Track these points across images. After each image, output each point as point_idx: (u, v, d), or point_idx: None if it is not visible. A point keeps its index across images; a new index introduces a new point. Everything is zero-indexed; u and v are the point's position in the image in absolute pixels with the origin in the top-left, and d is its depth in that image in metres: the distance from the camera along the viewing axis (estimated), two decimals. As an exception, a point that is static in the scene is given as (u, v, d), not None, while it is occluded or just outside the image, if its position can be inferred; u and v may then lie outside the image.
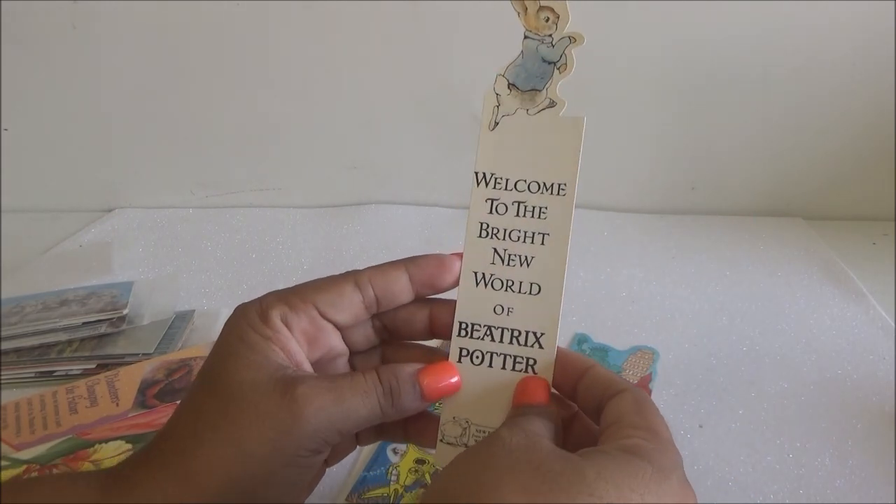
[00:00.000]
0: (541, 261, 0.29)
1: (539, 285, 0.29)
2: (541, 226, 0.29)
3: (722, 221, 0.70)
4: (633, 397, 0.25)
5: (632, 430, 0.23)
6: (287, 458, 0.24)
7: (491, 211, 0.29)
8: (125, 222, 0.75)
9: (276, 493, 0.25)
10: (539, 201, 0.29)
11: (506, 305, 0.29)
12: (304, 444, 0.24)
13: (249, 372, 0.24)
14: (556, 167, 0.30)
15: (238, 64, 0.70)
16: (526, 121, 0.30)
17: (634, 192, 0.74)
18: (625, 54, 0.65)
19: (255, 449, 0.23)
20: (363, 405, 0.25)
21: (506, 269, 0.29)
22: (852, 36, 0.62)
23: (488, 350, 0.28)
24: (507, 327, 0.28)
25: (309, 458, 0.25)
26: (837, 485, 0.36)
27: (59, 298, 0.54)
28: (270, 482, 0.24)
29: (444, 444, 0.29)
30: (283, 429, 0.24)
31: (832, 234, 0.66)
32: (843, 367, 0.46)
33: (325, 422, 0.24)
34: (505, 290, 0.29)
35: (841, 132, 0.67)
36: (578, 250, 0.65)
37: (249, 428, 0.23)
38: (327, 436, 0.25)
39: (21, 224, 0.77)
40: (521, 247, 0.29)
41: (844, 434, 0.40)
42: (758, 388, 0.44)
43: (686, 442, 0.40)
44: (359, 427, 0.26)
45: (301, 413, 0.24)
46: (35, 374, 0.47)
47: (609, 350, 0.49)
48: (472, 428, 0.28)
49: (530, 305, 0.28)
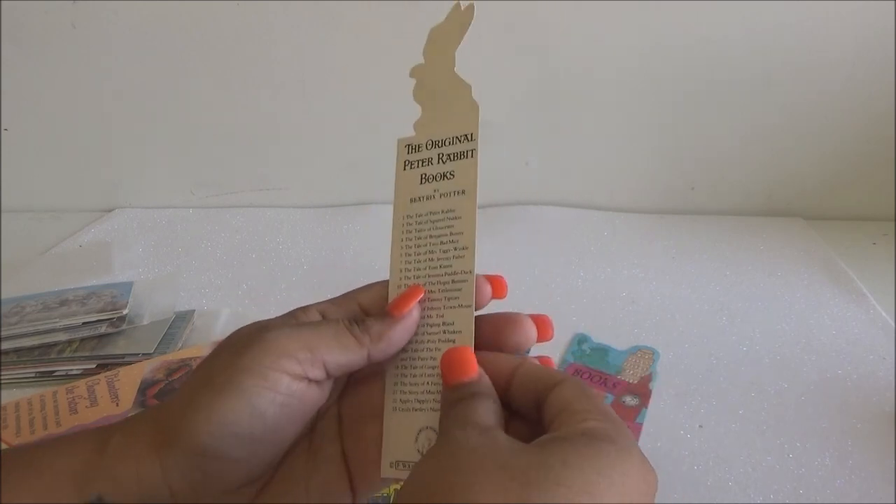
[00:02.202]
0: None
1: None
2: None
3: (722, 221, 0.71)
4: (576, 385, 0.25)
5: (583, 413, 0.23)
6: (270, 387, 0.25)
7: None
8: (125, 222, 0.76)
9: (278, 435, 0.26)
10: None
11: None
12: (284, 367, 0.25)
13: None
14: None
15: (238, 64, 0.70)
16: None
17: (634, 192, 0.74)
18: (624, 54, 0.66)
19: (240, 395, 0.24)
20: (330, 325, 0.27)
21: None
22: (852, 36, 0.62)
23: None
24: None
25: (293, 385, 0.26)
26: (837, 485, 0.36)
27: (59, 298, 0.54)
28: (264, 423, 0.25)
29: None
30: (255, 359, 0.25)
31: (832, 234, 0.66)
32: (843, 367, 0.46)
33: (295, 342, 0.26)
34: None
35: (841, 132, 0.67)
36: (578, 250, 0.65)
37: (232, 383, 0.25)
38: (299, 357, 0.26)
39: (21, 224, 0.77)
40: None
41: (844, 434, 0.40)
42: (758, 388, 0.44)
43: (686, 442, 0.40)
44: (331, 351, 0.26)
45: (265, 336, 0.25)
46: (35, 374, 0.47)
47: (609, 350, 0.49)
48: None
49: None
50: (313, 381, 0.27)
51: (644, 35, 0.64)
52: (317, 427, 0.29)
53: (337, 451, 0.29)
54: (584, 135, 0.71)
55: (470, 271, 0.29)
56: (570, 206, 0.74)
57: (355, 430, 0.29)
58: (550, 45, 0.66)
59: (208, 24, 0.67)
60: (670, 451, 0.39)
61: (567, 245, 0.66)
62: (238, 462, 0.25)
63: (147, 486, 0.24)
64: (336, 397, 0.30)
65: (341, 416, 0.30)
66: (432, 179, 0.30)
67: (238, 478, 0.25)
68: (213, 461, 0.24)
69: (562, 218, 0.72)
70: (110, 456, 0.24)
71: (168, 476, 0.24)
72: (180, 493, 0.24)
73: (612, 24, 0.64)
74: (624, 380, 0.45)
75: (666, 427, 0.41)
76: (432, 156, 0.30)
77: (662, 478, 0.38)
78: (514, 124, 0.71)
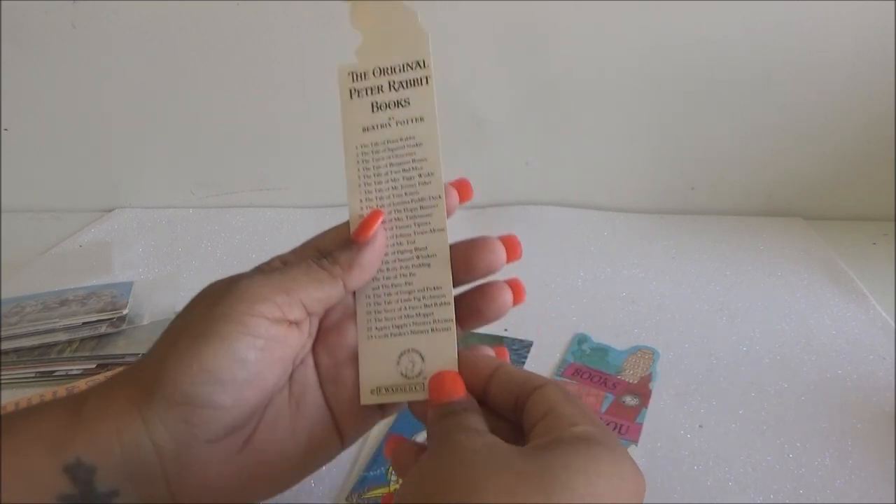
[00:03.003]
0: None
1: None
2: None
3: (722, 221, 0.71)
4: (558, 388, 0.25)
5: (571, 417, 0.24)
6: (249, 332, 0.25)
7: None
8: (125, 222, 0.76)
9: (261, 381, 0.26)
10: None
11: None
12: (261, 312, 0.25)
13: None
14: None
15: (238, 64, 0.70)
16: None
17: (634, 192, 0.74)
18: (624, 54, 0.66)
19: (220, 341, 0.25)
20: (300, 265, 0.27)
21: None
22: (852, 36, 0.62)
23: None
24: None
25: (272, 329, 0.26)
26: (837, 485, 0.36)
27: (59, 298, 0.54)
28: (243, 366, 0.25)
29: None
30: (232, 307, 0.25)
31: (832, 234, 0.66)
32: (843, 367, 0.46)
33: (268, 287, 0.26)
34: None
35: (841, 132, 0.67)
36: (578, 250, 0.65)
37: (211, 331, 0.25)
38: (276, 300, 0.26)
39: (21, 224, 0.77)
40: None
41: (844, 434, 0.40)
42: (758, 388, 0.44)
43: (686, 442, 0.40)
44: (306, 289, 0.27)
45: (238, 285, 0.26)
46: (35, 374, 0.47)
47: (609, 350, 0.49)
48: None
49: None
50: (293, 323, 0.27)
51: (644, 35, 0.64)
52: (295, 377, 0.29)
53: (319, 399, 0.29)
54: (584, 135, 0.71)
55: (439, 196, 0.29)
56: (570, 206, 0.74)
57: (334, 376, 0.29)
58: (550, 44, 0.66)
59: (208, 24, 0.67)
60: (670, 451, 0.39)
61: (567, 245, 0.66)
62: (222, 410, 0.25)
63: (129, 444, 0.23)
64: (311, 345, 0.30)
65: (318, 364, 0.30)
66: (385, 107, 0.30)
67: (223, 426, 0.25)
68: (196, 410, 0.24)
69: (562, 218, 0.72)
70: (87, 417, 0.24)
71: (151, 430, 0.24)
72: (164, 447, 0.24)
73: (611, 24, 0.64)
74: (624, 380, 0.45)
75: (666, 427, 0.41)
76: (382, 83, 0.30)
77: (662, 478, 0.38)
78: (514, 124, 0.71)
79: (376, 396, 0.29)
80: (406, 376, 0.29)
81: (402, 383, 0.29)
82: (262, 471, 0.27)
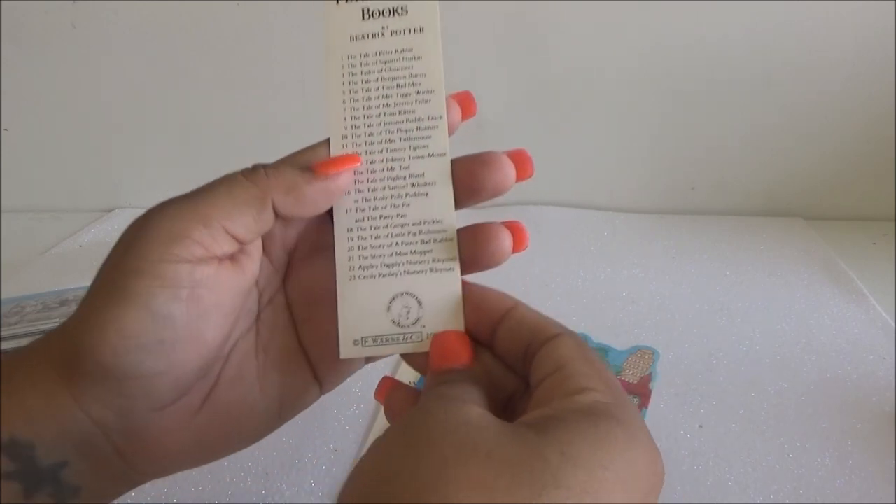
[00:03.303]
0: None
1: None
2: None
3: (722, 221, 0.70)
4: (574, 341, 0.21)
5: (582, 379, 0.19)
6: (166, 284, 0.21)
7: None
8: (125, 222, 0.75)
9: (202, 334, 0.22)
10: None
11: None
12: (177, 254, 0.21)
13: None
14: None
15: (238, 64, 0.70)
16: None
17: (634, 192, 0.74)
18: (624, 54, 0.66)
19: (133, 301, 0.21)
20: (223, 182, 0.23)
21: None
22: (852, 36, 0.62)
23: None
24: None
25: (197, 271, 0.22)
26: (837, 485, 0.36)
27: (59, 298, 0.54)
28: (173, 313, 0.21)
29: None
30: (141, 255, 0.21)
31: (832, 234, 0.66)
32: (842, 367, 0.46)
33: (182, 220, 0.22)
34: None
35: (841, 132, 0.67)
36: (578, 250, 0.65)
37: (122, 289, 0.21)
38: (194, 235, 0.22)
39: (21, 224, 0.77)
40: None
41: (844, 434, 0.40)
42: (758, 388, 0.44)
43: (686, 442, 0.40)
44: (228, 214, 0.22)
45: (150, 223, 0.22)
46: (35, 374, 0.47)
47: (609, 350, 0.49)
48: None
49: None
50: (225, 259, 0.23)
51: (644, 35, 0.64)
52: (263, 318, 0.25)
53: (292, 342, 0.25)
54: (584, 135, 0.71)
55: (440, 116, 0.26)
56: (570, 206, 0.74)
57: (309, 316, 0.26)
58: (550, 44, 0.66)
59: (208, 24, 0.67)
60: (670, 451, 0.39)
61: (567, 245, 0.66)
62: (159, 376, 0.21)
63: (64, 421, 0.21)
64: (279, 282, 0.26)
65: (290, 302, 0.26)
66: (378, 15, 0.26)
67: (167, 393, 0.22)
68: (128, 381, 0.21)
69: (562, 218, 0.72)
70: (16, 393, 0.21)
71: (84, 406, 0.21)
72: (104, 421, 0.21)
73: (611, 24, 0.64)
74: (624, 380, 0.45)
75: (666, 427, 0.41)
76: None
77: (662, 478, 0.38)
78: (514, 124, 0.71)
79: (360, 348, 0.24)
80: (399, 324, 0.24)
81: (395, 333, 0.25)
82: (227, 428, 0.24)
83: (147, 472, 0.23)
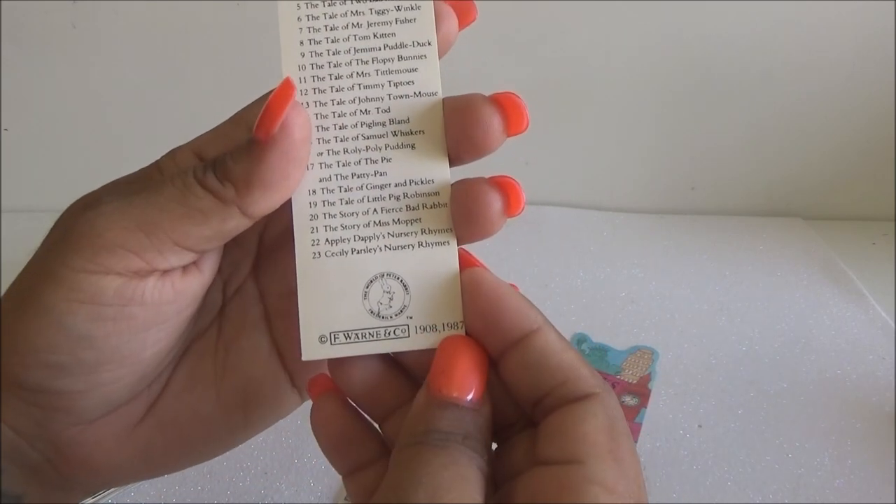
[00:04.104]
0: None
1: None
2: None
3: (722, 221, 0.70)
4: (606, 414, 0.17)
5: (603, 494, 0.15)
6: (87, 299, 0.17)
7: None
8: (125, 222, 0.75)
9: (132, 355, 0.19)
10: None
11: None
12: (108, 265, 0.17)
13: None
14: None
15: (238, 64, 0.70)
16: None
17: (634, 192, 0.74)
18: (624, 54, 0.66)
19: (44, 314, 0.17)
20: (174, 184, 0.18)
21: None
22: (852, 36, 0.62)
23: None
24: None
25: (129, 289, 0.18)
26: (837, 485, 0.36)
27: (59, 298, 0.54)
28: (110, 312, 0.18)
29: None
30: (64, 259, 0.17)
31: (832, 234, 0.66)
32: (842, 367, 0.46)
33: (120, 225, 0.17)
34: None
35: (841, 132, 0.67)
36: (578, 250, 0.65)
37: (35, 297, 0.18)
38: (130, 245, 0.17)
39: (21, 224, 0.77)
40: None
41: (844, 434, 0.40)
42: (757, 388, 0.44)
43: (685, 441, 0.40)
44: (179, 224, 0.18)
45: (81, 220, 0.18)
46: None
47: (609, 350, 0.49)
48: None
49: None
50: (172, 271, 0.18)
51: (644, 35, 0.64)
52: (227, 312, 0.21)
53: (262, 341, 0.21)
54: (584, 135, 0.71)
55: (428, 42, 0.21)
56: (570, 206, 0.74)
57: (287, 308, 0.21)
58: (550, 44, 0.66)
59: (208, 24, 0.67)
60: (669, 451, 0.39)
61: (567, 245, 0.66)
62: (80, 394, 0.18)
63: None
64: (249, 266, 0.22)
65: (262, 292, 0.22)
66: None
67: (92, 410, 0.19)
68: (44, 395, 0.18)
69: (562, 218, 0.72)
70: None
71: (4, 416, 0.18)
72: (29, 433, 0.19)
73: (612, 24, 0.64)
74: (623, 380, 0.45)
75: (665, 427, 0.41)
76: None
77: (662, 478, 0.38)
78: (514, 124, 0.71)
79: (329, 347, 0.19)
80: (379, 315, 0.19)
81: (373, 326, 0.19)
82: (177, 440, 0.20)
83: (89, 483, 0.21)
